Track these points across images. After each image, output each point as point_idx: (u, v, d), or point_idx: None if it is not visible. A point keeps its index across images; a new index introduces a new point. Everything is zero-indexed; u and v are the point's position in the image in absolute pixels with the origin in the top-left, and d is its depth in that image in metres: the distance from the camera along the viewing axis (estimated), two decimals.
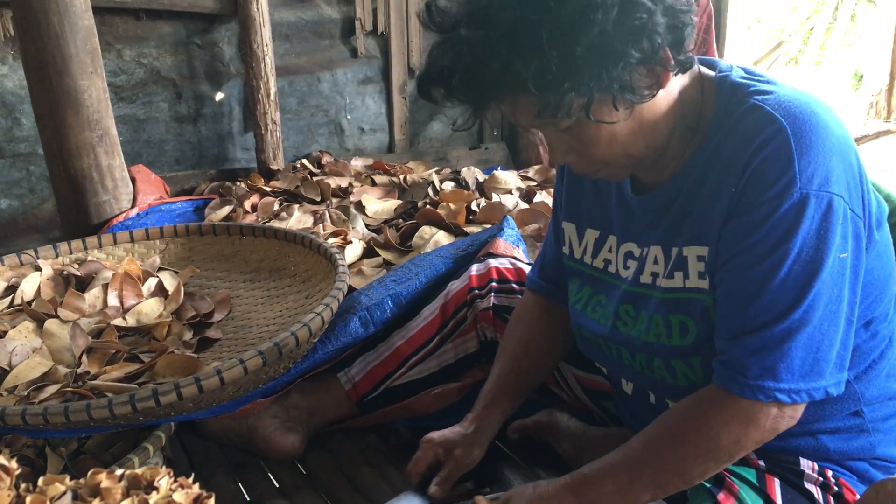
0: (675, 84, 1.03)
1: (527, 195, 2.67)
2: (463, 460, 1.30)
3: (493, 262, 1.64)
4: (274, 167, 3.09)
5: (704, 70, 1.09)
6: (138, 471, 0.63)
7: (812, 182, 0.93)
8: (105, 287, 1.89)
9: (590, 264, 1.26)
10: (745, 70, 1.08)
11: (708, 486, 1.06)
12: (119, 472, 0.64)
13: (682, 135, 1.06)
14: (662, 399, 1.17)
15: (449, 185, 2.71)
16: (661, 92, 1.00)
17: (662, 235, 1.11)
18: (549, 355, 1.41)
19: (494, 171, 2.83)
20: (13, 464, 0.63)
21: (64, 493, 0.62)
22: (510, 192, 2.68)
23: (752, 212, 0.96)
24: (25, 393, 1.52)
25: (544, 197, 2.62)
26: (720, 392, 1.00)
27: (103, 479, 0.62)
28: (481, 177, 2.80)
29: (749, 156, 0.96)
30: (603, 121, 0.97)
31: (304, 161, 3.20)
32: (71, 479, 0.63)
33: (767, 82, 1.04)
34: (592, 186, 1.26)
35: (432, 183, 2.70)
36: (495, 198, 2.56)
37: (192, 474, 0.70)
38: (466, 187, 2.71)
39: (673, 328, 1.08)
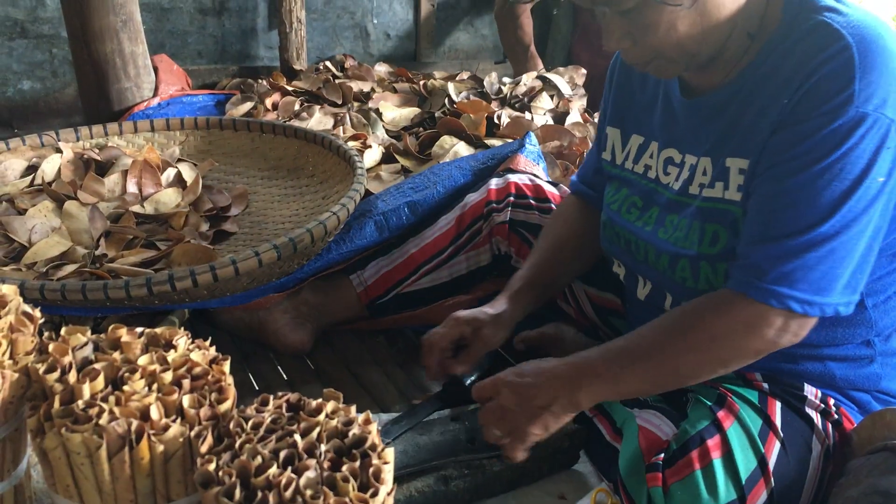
0: None
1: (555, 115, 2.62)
2: (490, 340, 1.28)
3: (513, 178, 1.63)
4: (297, 67, 3.05)
5: None
6: (157, 330, 0.65)
7: (869, 102, 0.93)
8: (124, 174, 1.90)
9: (630, 169, 1.26)
10: None
11: (709, 403, 1.08)
12: (139, 329, 0.65)
13: (741, 40, 1.05)
14: (679, 301, 1.17)
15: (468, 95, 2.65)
16: None
17: (713, 146, 1.11)
18: (580, 258, 1.40)
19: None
20: (37, 312, 0.65)
21: (85, 343, 0.64)
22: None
23: (802, 124, 0.97)
24: (44, 270, 1.55)
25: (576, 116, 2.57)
26: (731, 294, 1.01)
27: (124, 334, 0.64)
28: (506, 87, 2.72)
29: (810, 70, 0.96)
30: (667, 2, 0.96)
31: (328, 63, 3.15)
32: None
33: (838, 1, 1.02)
34: (640, 91, 1.25)
35: (448, 94, 2.64)
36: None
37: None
38: (487, 98, 2.65)
39: (706, 235, 1.09)
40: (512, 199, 1.60)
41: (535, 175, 1.70)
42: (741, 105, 1.06)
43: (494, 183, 1.63)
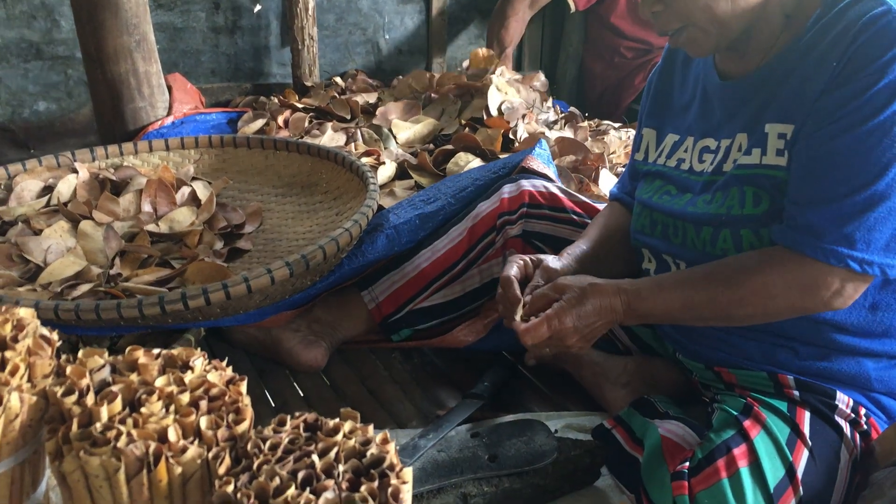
0: None
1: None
2: (552, 269, 1.23)
3: (526, 185, 1.61)
4: (309, 84, 3.06)
5: None
6: (174, 351, 0.65)
7: None
8: (139, 193, 1.91)
9: (663, 164, 1.29)
10: None
11: (734, 413, 1.07)
12: (156, 351, 0.65)
13: (775, 20, 1.09)
14: None
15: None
16: None
17: (746, 121, 1.13)
18: (624, 253, 1.39)
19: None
20: (54, 335, 0.65)
21: (103, 365, 0.64)
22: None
23: (850, 84, 0.98)
24: (59, 290, 1.56)
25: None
26: (787, 252, 1.03)
27: (141, 356, 0.64)
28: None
29: (854, 34, 0.99)
30: None
31: (337, 79, 3.17)
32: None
33: None
34: (679, 94, 1.29)
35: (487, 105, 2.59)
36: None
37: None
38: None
39: (746, 198, 1.10)
40: (525, 209, 1.59)
41: (548, 178, 1.68)
42: (780, 81, 1.08)
43: (507, 191, 1.61)
